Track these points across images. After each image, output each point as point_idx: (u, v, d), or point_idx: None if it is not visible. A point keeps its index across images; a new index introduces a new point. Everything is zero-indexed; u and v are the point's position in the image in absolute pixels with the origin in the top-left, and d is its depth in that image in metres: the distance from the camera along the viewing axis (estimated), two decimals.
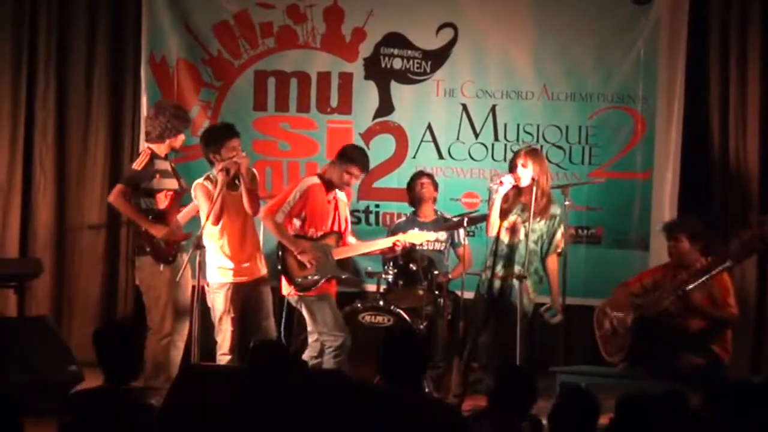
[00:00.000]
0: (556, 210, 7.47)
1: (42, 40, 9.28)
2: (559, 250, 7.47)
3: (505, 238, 7.41)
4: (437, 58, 9.12)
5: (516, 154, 7.53)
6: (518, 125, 9.01)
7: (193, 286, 7.44)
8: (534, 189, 7.27)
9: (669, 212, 8.63)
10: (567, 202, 7.64)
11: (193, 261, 7.30)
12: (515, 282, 7.27)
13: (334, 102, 9.24)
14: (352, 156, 7.50)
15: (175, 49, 9.27)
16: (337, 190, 7.53)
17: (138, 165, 7.70)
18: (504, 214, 7.41)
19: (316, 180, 7.52)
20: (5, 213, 9.23)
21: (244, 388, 4.63)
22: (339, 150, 7.67)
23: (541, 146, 8.87)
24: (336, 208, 7.51)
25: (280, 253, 7.44)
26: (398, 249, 7.65)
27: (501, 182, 7.35)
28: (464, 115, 9.08)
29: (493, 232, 7.39)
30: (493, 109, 9.05)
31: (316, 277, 7.34)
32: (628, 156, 8.89)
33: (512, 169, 7.45)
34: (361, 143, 9.02)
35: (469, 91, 9.08)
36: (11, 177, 9.23)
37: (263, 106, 9.29)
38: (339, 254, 7.40)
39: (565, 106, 8.98)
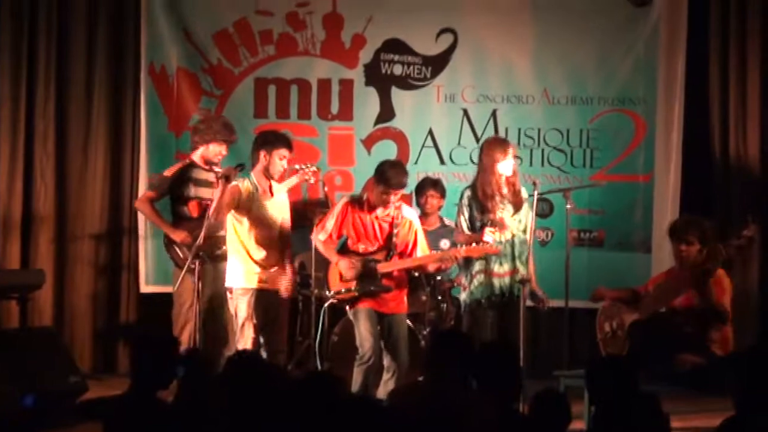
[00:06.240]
0: (524, 193, 7.43)
1: (42, 49, 9.25)
2: (531, 231, 7.40)
3: (496, 235, 7.34)
4: (437, 63, 9.12)
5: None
6: (519, 129, 9.01)
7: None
8: (512, 182, 7.31)
9: (671, 214, 8.63)
10: (569, 206, 7.63)
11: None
12: (518, 285, 7.24)
13: (334, 109, 9.23)
14: (386, 177, 7.20)
15: (175, 58, 9.25)
16: (404, 209, 7.41)
17: (168, 171, 7.82)
18: (492, 211, 7.38)
19: (351, 198, 7.49)
20: (6, 222, 9.20)
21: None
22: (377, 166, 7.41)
23: (542, 150, 8.88)
24: (391, 226, 7.31)
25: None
26: (449, 266, 7.53)
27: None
28: (465, 120, 9.08)
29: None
30: (494, 113, 9.06)
31: (351, 291, 7.31)
32: (629, 158, 8.90)
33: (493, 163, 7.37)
34: (362, 149, 9.02)
35: (469, 96, 9.08)
36: (11, 186, 9.19)
37: (264, 114, 9.27)
38: (384, 268, 7.33)
39: (566, 109, 8.99)
